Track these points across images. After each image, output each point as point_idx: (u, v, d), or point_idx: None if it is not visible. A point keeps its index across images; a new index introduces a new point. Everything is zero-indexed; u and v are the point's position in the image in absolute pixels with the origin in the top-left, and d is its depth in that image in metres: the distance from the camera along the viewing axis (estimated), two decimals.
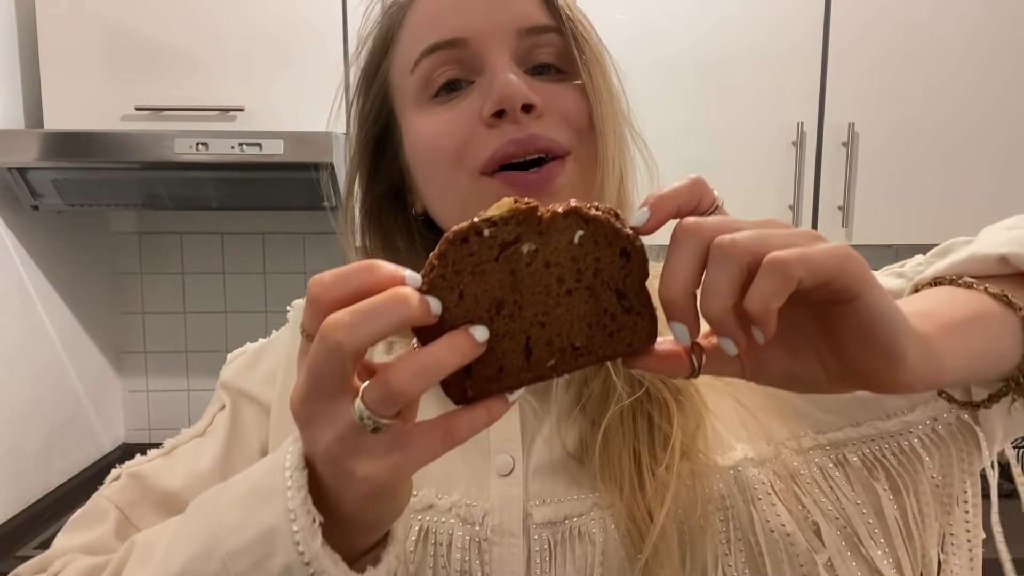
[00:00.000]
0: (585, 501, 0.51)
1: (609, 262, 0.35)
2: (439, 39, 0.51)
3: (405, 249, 0.59)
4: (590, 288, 0.35)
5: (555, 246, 0.35)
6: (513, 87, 0.48)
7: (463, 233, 0.34)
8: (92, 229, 1.77)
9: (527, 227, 0.34)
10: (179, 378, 1.89)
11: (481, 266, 0.34)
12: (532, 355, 0.36)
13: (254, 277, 1.88)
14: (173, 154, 1.39)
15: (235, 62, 1.48)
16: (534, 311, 0.35)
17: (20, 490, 1.47)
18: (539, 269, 0.35)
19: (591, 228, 0.34)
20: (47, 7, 1.46)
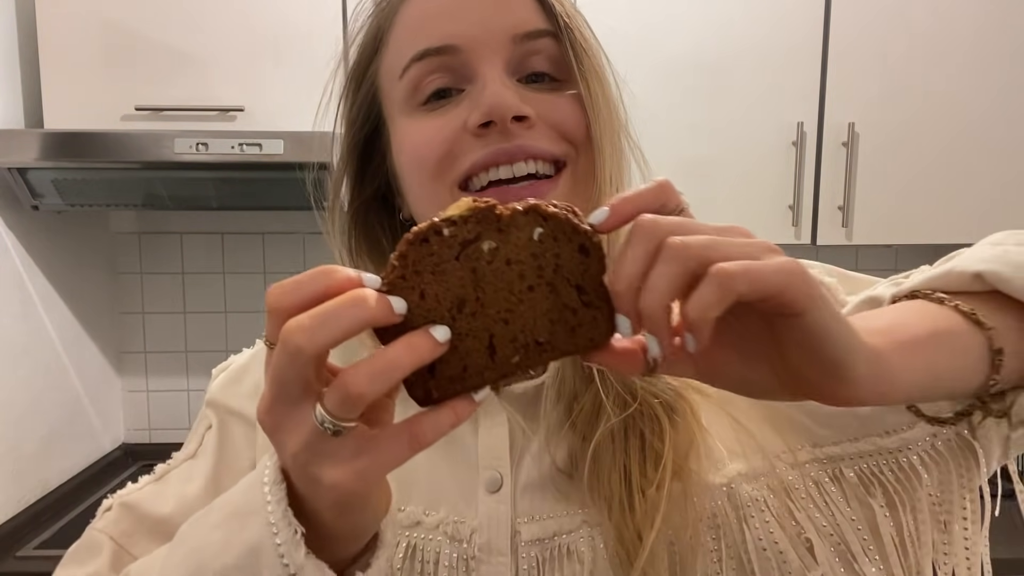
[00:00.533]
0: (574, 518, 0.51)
1: (569, 258, 0.35)
2: (429, 45, 0.49)
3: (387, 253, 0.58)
4: (551, 284, 0.35)
5: (515, 243, 0.35)
6: (503, 97, 0.47)
7: (423, 233, 0.34)
8: (92, 229, 1.77)
9: (487, 225, 0.35)
10: (179, 378, 1.89)
11: (442, 265, 0.34)
12: (496, 353, 0.36)
13: (254, 277, 1.88)
14: (173, 154, 1.39)
15: (235, 62, 1.48)
16: (497, 308, 0.35)
17: (20, 490, 1.47)
18: (500, 267, 0.35)
19: (550, 225, 0.35)
20: (47, 7, 1.46)
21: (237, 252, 1.87)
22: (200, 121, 1.47)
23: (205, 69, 1.48)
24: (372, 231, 0.58)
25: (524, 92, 0.49)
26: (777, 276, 0.32)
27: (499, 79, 0.48)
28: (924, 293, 0.44)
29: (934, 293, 0.43)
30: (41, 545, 1.37)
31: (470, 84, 0.49)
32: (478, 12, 0.49)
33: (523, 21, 0.49)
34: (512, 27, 0.49)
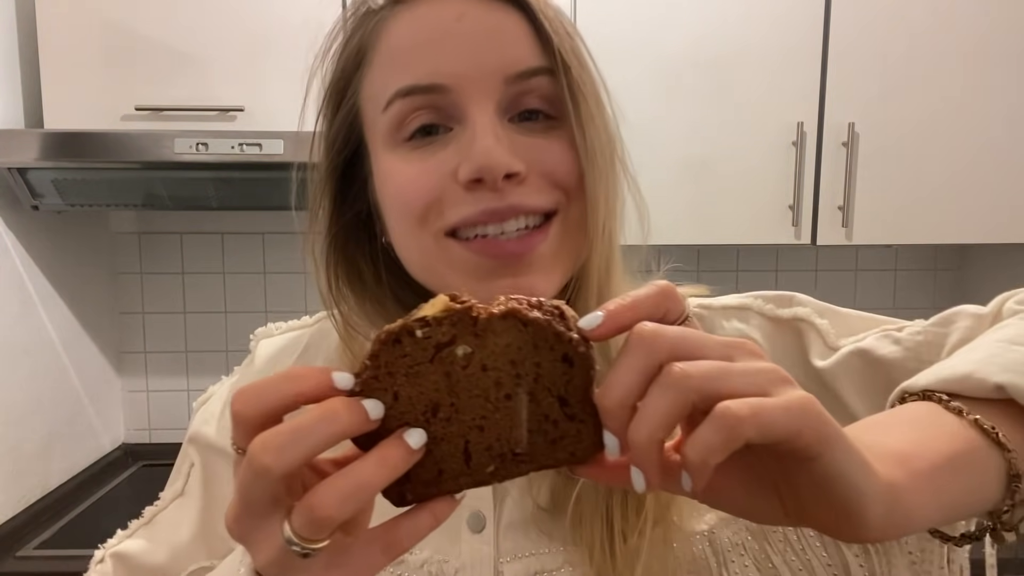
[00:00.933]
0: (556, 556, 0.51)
1: (550, 367, 0.33)
2: (416, 83, 0.45)
3: (373, 284, 0.54)
4: (530, 393, 0.33)
5: (492, 349, 0.32)
6: (494, 156, 0.43)
7: (395, 334, 0.32)
8: (92, 229, 1.77)
9: (462, 328, 0.32)
10: (179, 378, 1.89)
11: (415, 367, 0.32)
12: (471, 460, 0.34)
13: (254, 277, 1.88)
14: (173, 154, 1.39)
15: (235, 62, 1.48)
16: (472, 415, 0.33)
17: (20, 490, 1.47)
18: (476, 372, 0.33)
19: (530, 331, 0.32)
20: (47, 7, 1.45)
21: (237, 252, 1.87)
22: (200, 121, 1.47)
23: (205, 69, 1.48)
24: (352, 257, 0.54)
25: (516, 137, 0.46)
26: (789, 418, 0.29)
27: (490, 128, 0.45)
28: (939, 397, 0.40)
29: (951, 400, 0.39)
30: (41, 545, 1.37)
31: (459, 124, 0.46)
32: (469, 46, 0.45)
33: (517, 59, 0.46)
34: (505, 66, 0.46)
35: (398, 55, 0.47)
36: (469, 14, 0.46)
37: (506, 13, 0.46)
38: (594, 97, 0.48)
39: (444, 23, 0.46)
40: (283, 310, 1.88)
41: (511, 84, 0.46)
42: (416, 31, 0.47)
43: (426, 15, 0.47)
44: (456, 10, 0.46)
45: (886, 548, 0.49)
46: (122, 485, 1.68)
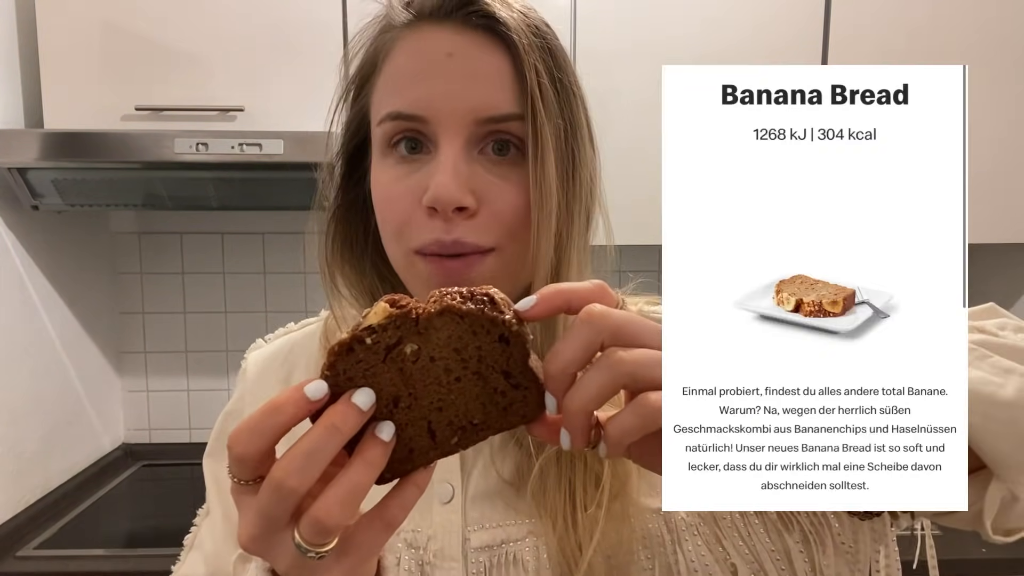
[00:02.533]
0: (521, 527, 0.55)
1: (490, 348, 0.37)
2: (402, 110, 0.52)
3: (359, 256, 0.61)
4: (477, 373, 0.37)
5: (436, 342, 0.37)
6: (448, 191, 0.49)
7: (347, 344, 0.36)
8: (92, 229, 1.78)
9: (406, 329, 0.36)
10: (179, 378, 1.89)
11: (371, 369, 0.36)
12: (436, 436, 0.38)
13: (254, 277, 1.88)
14: (173, 154, 1.39)
15: (235, 62, 1.48)
16: (429, 400, 0.38)
17: (20, 490, 1.47)
18: (425, 364, 0.37)
19: (467, 322, 0.36)
20: (47, 7, 1.46)
21: (237, 252, 1.87)
22: (200, 121, 1.47)
23: (205, 69, 1.48)
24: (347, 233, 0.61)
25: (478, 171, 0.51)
26: None
27: (451, 164, 0.50)
28: None
29: None
30: (41, 545, 1.37)
31: (435, 149, 0.52)
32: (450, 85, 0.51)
33: (491, 104, 0.51)
34: (475, 110, 0.50)
35: (394, 79, 0.53)
36: (459, 53, 0.51)
37: (493, 54, 0.51)
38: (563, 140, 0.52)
39: (436, 58, 0.51)
40: (283, 310, 1.88)
41: (481, 125, 0.51)
42: (412, 60, 0.52)
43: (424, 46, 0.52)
44: (449, 46, 0.51)
45: (821, 538, 0.54)
46: (122, 485, 1.68)
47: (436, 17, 0.52)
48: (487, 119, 0.51)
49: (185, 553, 0.67)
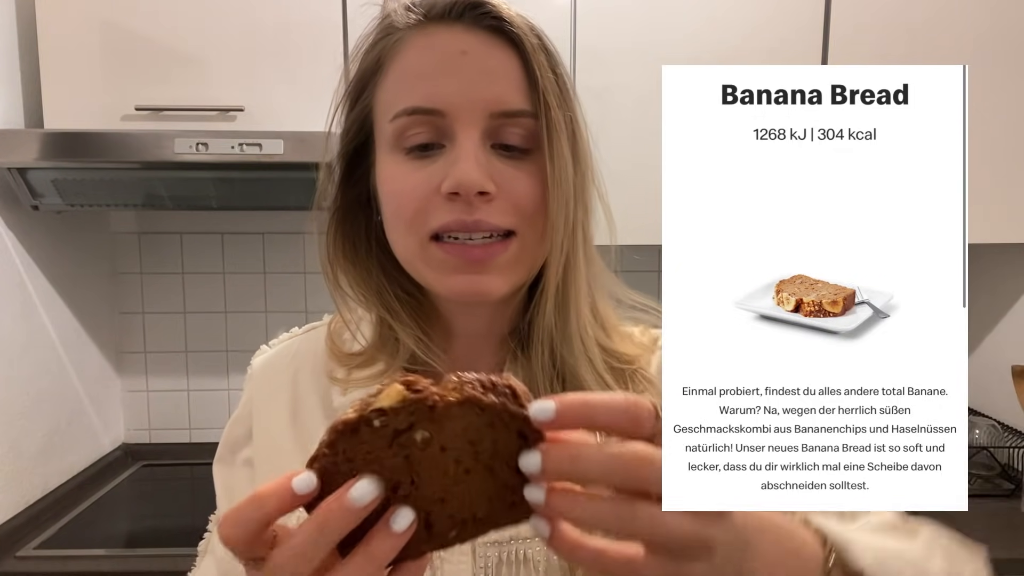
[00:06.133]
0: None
1: (506, 442, 0.34)
2: (418, 104, 0.53)
3: (364, 254, 0.62)
4: (489, 467, 0.35)
5: (450, 432, 0.34)
6: (471, 176, 0.51)
7: (353, 424, 0.33)
8: (92, 229, 1.78)
9: (419, 416, 0.34)
10: (179, 378, 1.89)
11: (374, 453, 0.34)
12: (433, 528, 0.35)
13: (254, 277, 1.88)
14: (173, 154, 1.39)
15: (235, 62, 1.48)
16: (432, 490, 0.35)
17: (20, 490, 1.47)
18: (435, 453, 0.34)
19: (488, 415, 0.34)
20: (47, 7, 1.46)
21: (237, 252, 1.87)
22: (200, 121, 1.47)
23: (205, 69, 1.48)
24: (350, 232, 0.62)
25: (494, 161, 0.54)
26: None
27: (472, 152, 0.52)
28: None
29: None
30: (41, 545, 1.37)
31: (450, 143, 0.54)
32: (466, 81, 0.53)
33: (503, 99, 0.54)
34: (490, 104, 0.53)
35: (408, 76, 0.55)
36: (472, 51, 0.54)
37: (503, 53, 0.54)
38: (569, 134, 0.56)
39: (451, 55, 0.54)
40: (283, 310, 1.88)
41: (495, 119, 0.54)
42: (426, 58, 0.54)
43: (436, 44, 0.54)
44: (463, 44, 0.54)
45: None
46: (122, 485, 1.68)
47: (447, 18, 0.55)
48: (501, 113, 0.53)
49: (200, 559, 0.68)
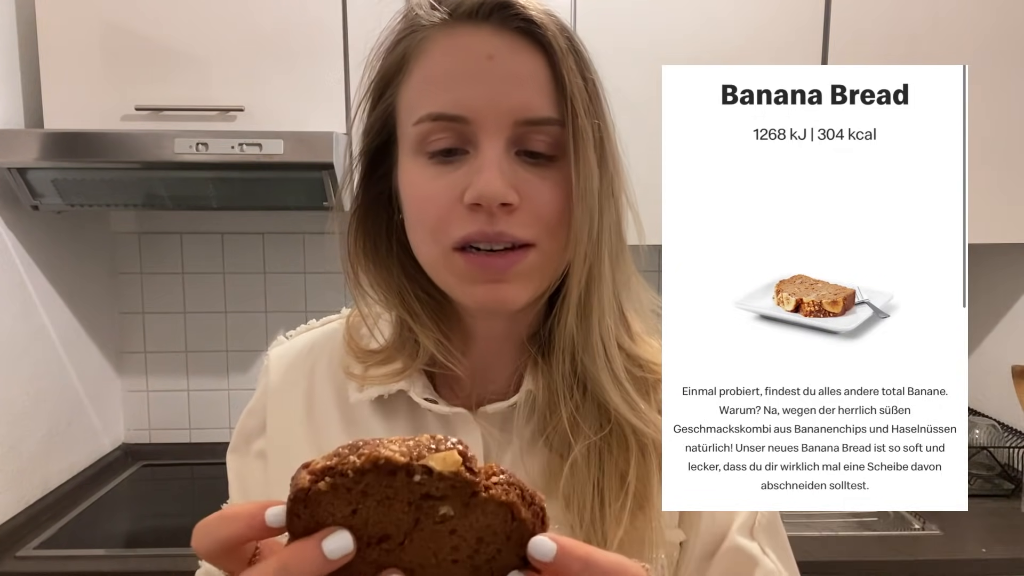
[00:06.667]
0: None
1: (507, 556, 0.34)
2: (443, 111, 0.52)
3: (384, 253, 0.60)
4: (477, 568, 0.35)
5: (472, 522, 0.34)
6: (493, 187, 0.50)
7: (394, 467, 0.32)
8: (92, 229, 1.78)
9: (458, 493, 0.33)
10: (179, 378, 1.89)
11: (391, 501, 0.33)
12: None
13: (254, 277, 1.88)
14: (173, 154, 1.39)
15: (235, 62, 1.48)
16: (412, 558, 0.34)
17: (20, 490, 1.47)
18: (443, 532, 0.34)
19: (514, 526, 0.34)
20: (47, 7, 1.46)
21: (237, 252, 1.87)
22: (200, 121, 1.47)
23: (205, 69, 1.48)
24: (371, 231, 0.61)
25: (518, 170, 0.52)
26: None
27: (496, 162, 0.51)
28: None
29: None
30: (41, 545, 1.37)
31: (474, 149, 0.52)
32: (493, 87, 0.51)
33: (531, 106, 0.52)
34: (516, 111, 0.51)
35: (433, 80, 0.53)
36: (499, 55, 0.52)
37: (532, 57, 0.52)
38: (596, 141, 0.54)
39: (477, 59, 0.52)
40: (283, 310, 1.88)
41: (520, 126, 0.52)
42: (451, 61, 0.52)
43: (462, 46, 0.52)
44: (489, 48, 0.52)
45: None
46: (122, 485, 1.68)
47: (473, 19, 0.53)
48: (526, 121, 0.52)
49: None
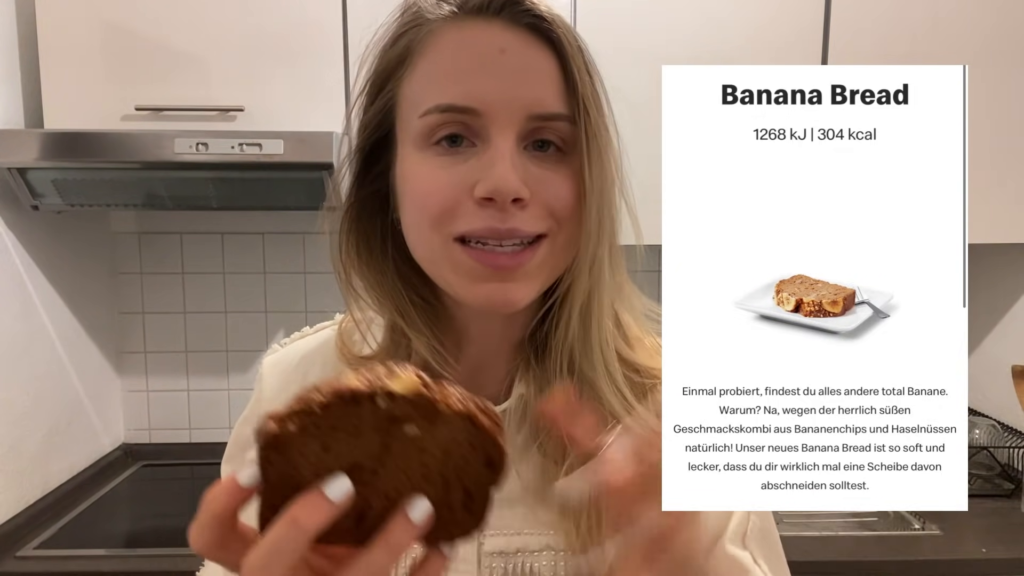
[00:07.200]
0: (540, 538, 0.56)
1: (474, 464, 0.36)
2: (453, 102, 0.51)
3: (379, 254, 0.59)
4: (446, 480, 0.36)
5: (437, 438, 0.35)
6: (508, 182, 0.49)
7: (358, 396, 0.33)
8: (92, 229, 1.78)
9: (421, 412, 0.34)
10: (179, 378, 1.89)
11: (360, 429, 0.34)
12: (363, 522, 0.36)
13: (254, 277, 1.88)
14: (173, 154, 1.39)
15: (235, 62, 1.48)
16: (386, 484, 0.35)
17: (20, 490, 1.47)
18: (412, 451, 0.35)
19: (475, 433, 0.35)
20: (47, 7, 1.46)
21: (237, 252, 1.87)
22: (200, 121, 1.47)
23: (205, 69, 1.48)
24: (364, 230, 0.59)
25: (528, 165, 0.52)
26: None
27: (508, 156, 0.50)
28: None
29: None
30: (41, 545, 1.37)
31: (482, 143, 0.52)
32: (505, 80, 0.51)
33: (543, 101, 0.51)
34: (531, 105, 0.51)
35: (442, 72, 0.52)
36: (511, 49, 0.51)
37: (542, 53, 0.52)
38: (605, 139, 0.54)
39: (488, 53, 0.51)
40: (283, 310, 1.88)
41: (532, 121, 0.51)
42: (462, 54, 0.52)
43: (473, 40, 0.52)
44: (501, 42, 0.51)
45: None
46: (122, 485, 1.68)
47: (483, 13, 0.52)
48: (537, 116, 0.51)
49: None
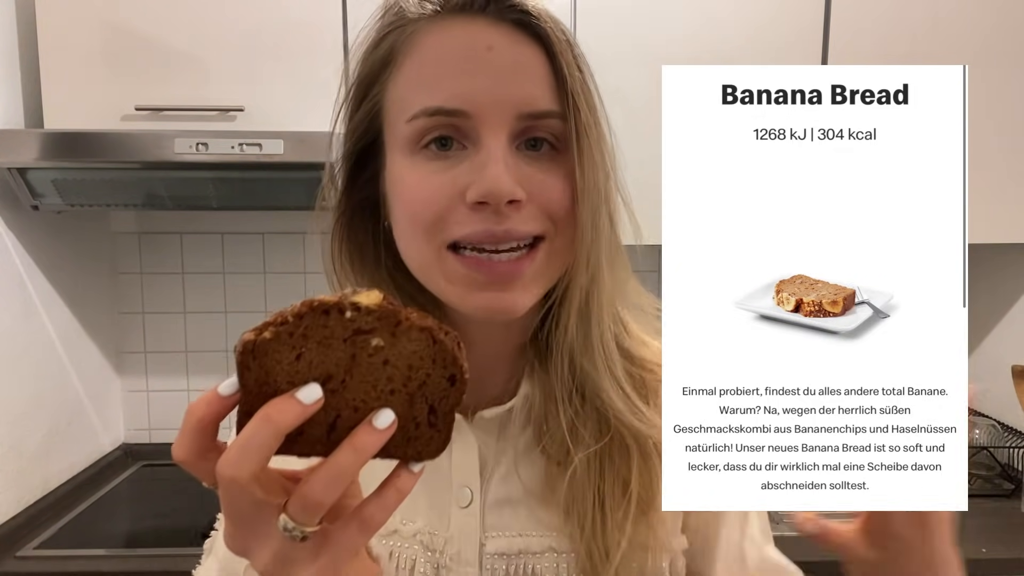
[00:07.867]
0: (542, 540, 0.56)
1: (437, 380, 0.38)
2: (442, 105, 0.49)
3: (372, 262, 0.58)
4: (410, 395, 0.38)
5: (400, 350, 0.37)
6: (502, 184, 0.48)
7: (327, 306, 0.36)
8: (92, 229, 1.78)
9: (385, 324, 0.37)
10: (179, 378, 1.89)
11: (330, 340, 0.36)
12: (333, 432, 0.38)
13: (254, 277, 1.88)
14: (173, 154, 1.39)
15: (235, 62, 1.48)
16: (354, 395, 0.37)
17: (20, 490, 1.47)
18: (377, 363, 0.37)
19: (436, 348, 0.38)
20: (47, 7, 1.46)
21: (237, 252, 1.87)
22: (200, 121, 1.47)
23: (205, 69, 1.48)
24: (356, 237, 0.58)
25: (521, 165, 0.50)
26: None
27: (501, 157, 0.49)
28: None
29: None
30: (41, 545, 1.36)
31: (473, 146, 0.50)
32: (493, 79, 0.49)
33: (533, 99, 0.50)
34: (518, 105, 0.49)
35: (428, 73, 0.50)
36: (498, 47, 0.50)
37: (530, 49, 0.50)
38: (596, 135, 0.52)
39: (475, 51, 0.49)
40: None
41: (523, 120, 0.50)
42: (448, 53, 0.50)
43: (458, 38, 0.50)
44: (487, 39, 0.50)
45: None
46: (122, 485, 1.68)
47: (468, 11, 0.51)
48: (528, 114, 0.50)
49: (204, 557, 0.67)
